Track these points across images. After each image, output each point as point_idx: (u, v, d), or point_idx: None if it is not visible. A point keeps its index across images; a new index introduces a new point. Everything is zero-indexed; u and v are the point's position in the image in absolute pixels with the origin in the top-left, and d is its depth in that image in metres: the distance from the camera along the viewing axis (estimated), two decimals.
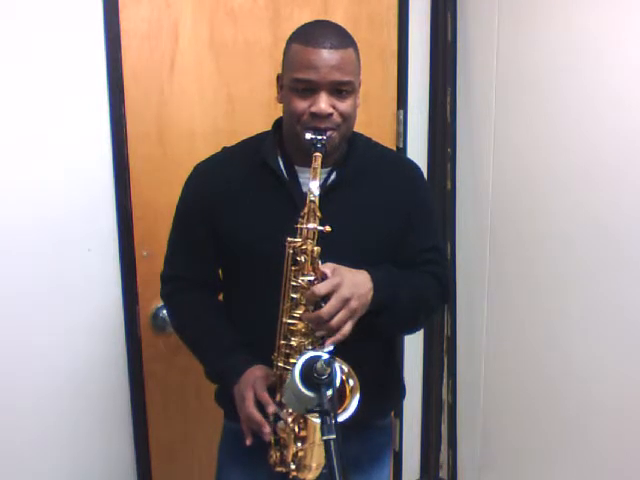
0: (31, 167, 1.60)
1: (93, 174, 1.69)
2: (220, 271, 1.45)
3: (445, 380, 2.39)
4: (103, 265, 1.74)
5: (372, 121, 2.10)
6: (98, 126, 1.68)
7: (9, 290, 1.61)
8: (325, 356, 1.02)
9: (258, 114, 1.38)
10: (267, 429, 1.22)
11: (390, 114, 2.21)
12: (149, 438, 1.89)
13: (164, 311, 1.76)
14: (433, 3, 2.20)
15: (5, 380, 1.64)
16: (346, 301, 1.18)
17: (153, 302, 1.79)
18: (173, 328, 1.49)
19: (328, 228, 1.19)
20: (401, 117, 2.22)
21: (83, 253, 1.70)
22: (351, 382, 1.10)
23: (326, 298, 1.17)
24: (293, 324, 1.24)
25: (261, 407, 1.25)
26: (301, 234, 1.20)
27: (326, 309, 1.16)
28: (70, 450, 1.77)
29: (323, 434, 0.94)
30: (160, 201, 1.42)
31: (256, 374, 1.28)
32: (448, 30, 2.19)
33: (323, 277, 1.20)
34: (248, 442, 1.26)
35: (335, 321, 1.17)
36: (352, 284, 1.20)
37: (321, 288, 1.17)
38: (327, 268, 1.20)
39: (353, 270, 1.23)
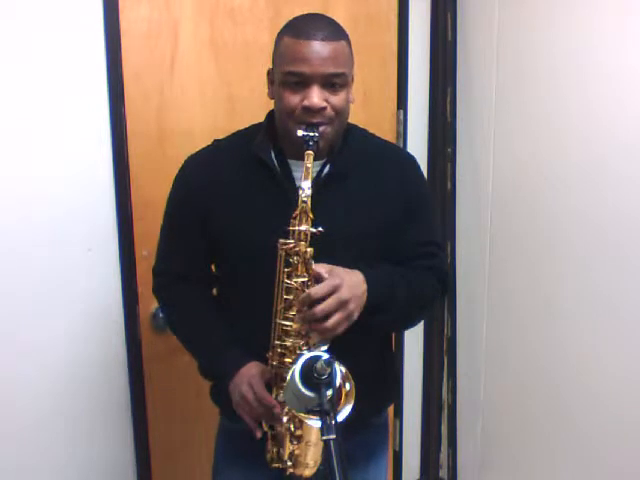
0: (31, 167, 1.60)
1: (93, 174, 1.69)
2: (213, 266, 1.43)
3: (445, 380, 2.39)
4: (103, 265, 1.74)
5: (372, 121, 2.09)
6: (98, 126, 1.68)
7: (9, 289, 1.61)
8: (325, 356, 1.02)
9: (258, 114, 1.37)
10: (278, 408, 1.22)
11: (390, 114, 2.21)
12: (149, 438, 1.89)
13: None
14: (433, 3, 2.20)
15: (5, 379, 1.64)
16: (344, 303, 1.16)
17: (153, 302, 1.79)
18: (166, 322, 1.48)
19: (320, 229, 1.16)
20: (401, 117, 2.22)
21: (83, 253, 1.70)
22: (347, 386, 1.08)
23: (322, 300, 1.14)
24: (287, 325, 1.21)
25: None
26: (293, 235, 1.18)
27: (321, 307, 1.14)
28: (70, 450, 1.77)
29: (323, 434, 0.94)
30: (160, 201, 1.43)
31: (252, 372, 1.27)
32: (448, 30, 2.19)
33: (316, 277, 1.17)
34: (259, 435, 1.26)
35: (330, 322, 1.15)
36: (351, 286, 1.18)
37: (318, 291, 1.14)
38: (322, 268, 1.17)
39: (349, 271, 1.20)
